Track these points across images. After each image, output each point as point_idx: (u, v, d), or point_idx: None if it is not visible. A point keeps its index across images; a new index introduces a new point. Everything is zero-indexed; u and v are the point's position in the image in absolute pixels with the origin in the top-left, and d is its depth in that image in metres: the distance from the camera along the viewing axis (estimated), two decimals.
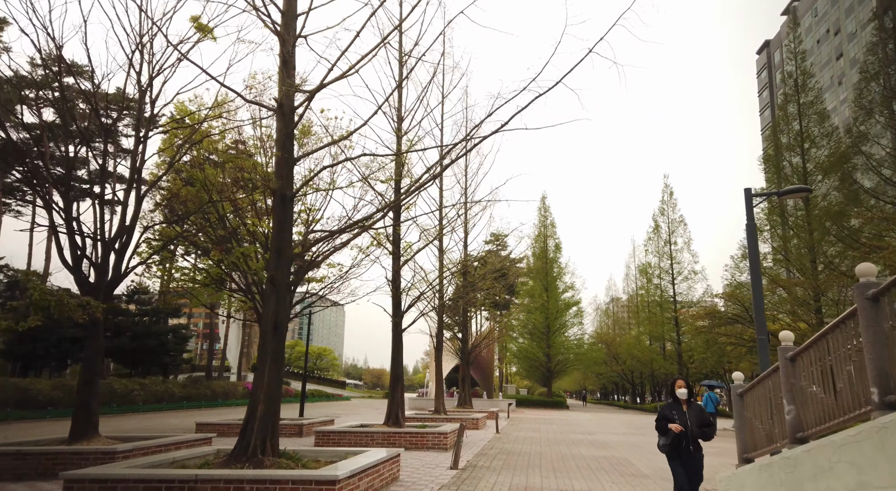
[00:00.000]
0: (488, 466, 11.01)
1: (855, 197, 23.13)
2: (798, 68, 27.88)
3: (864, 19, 64.48)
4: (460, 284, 24.96)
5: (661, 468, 11.49)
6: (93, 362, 10.54)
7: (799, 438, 6.34)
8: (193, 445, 11.12)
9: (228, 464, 7.37)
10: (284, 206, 8.32)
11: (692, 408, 6.26)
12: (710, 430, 6.11)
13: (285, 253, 8.21)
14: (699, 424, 6.13)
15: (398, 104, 16.15)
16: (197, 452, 8.73)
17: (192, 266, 19.40)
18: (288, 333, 67.59)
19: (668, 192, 51.83)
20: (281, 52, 8.53)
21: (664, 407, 6.36)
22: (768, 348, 8.83)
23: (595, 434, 20.65)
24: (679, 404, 6.24)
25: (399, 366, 15.96)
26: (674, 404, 6.26)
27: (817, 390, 6.01)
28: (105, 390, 27.08)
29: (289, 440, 15.36)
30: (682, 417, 6.10)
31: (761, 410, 7.73)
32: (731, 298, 27.91)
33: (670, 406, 6.27)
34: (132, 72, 10.78)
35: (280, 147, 8.18)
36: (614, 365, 63.16)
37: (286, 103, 8.40)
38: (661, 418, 6.25)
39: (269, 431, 7.74)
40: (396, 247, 15.73)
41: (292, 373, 79.76)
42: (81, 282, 10.81)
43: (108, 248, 10.84)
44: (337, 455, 8.71)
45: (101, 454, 9.00)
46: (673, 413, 6.17)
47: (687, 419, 6.09)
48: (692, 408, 6.26)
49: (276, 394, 7.95)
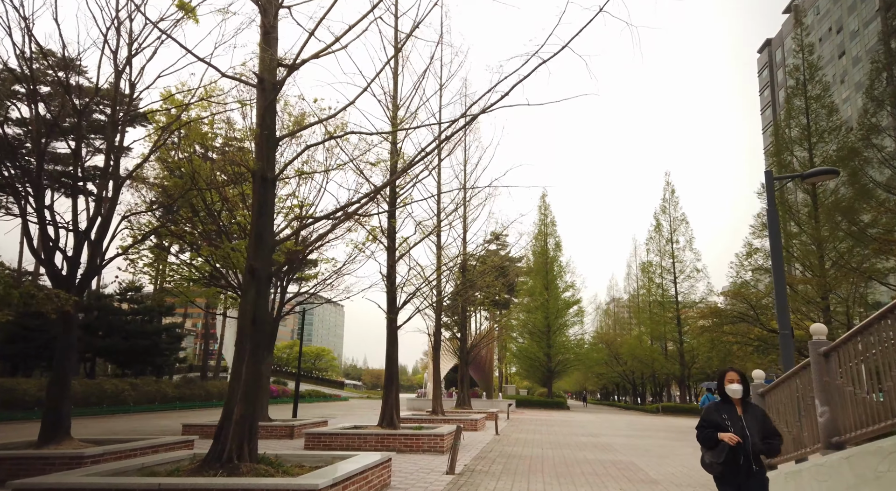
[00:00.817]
0: (487, 471, 10.34)
1: (865, 191, 22.50)
2: (805, 61, 27.23)
3: (867, 17, 63.85)
4: (459, 283, 24.29)
5: (670, 473, 10.82)
6: (64, 360, 9.86)
7: (834, 443, 5.67)
8: (173, 449, 10.44)
9: (200, 471, 6.70)
10: (265, 188, 7.65)
11: (750, 411, 4.48)
12: (776, 442, 4.38)
13: (266, 240, 7.53)
14: (762, 433, 4.36)
15: (393, 91, 15.48)
16: (172, 456, 8.06)
17: (180, 262, 18.77)
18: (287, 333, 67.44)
19: (669, 190, 51.23)
20: (262, 23, 7.85)
21: (710, 409, 4.57)
22: (792, 344, 8.18)
23: (598, 436, 19.98)
24: (731, 406, 4.49)
25: (394, 365, 15.29)
26: (723, 405, 4.53)
27: (858, 390, 5.35)
28: (95, 391, 26.43)
29: (279, 442, 14.70)
30: (737, 424, 4.37)
31: (787, 412, 7.06)
32: (736, 296, 27.25)
33: (718, 408, 4.53)
34: (107, 50, 10.10)
35: (260, 123, 7.50)
36: (615, 365, 62.51)
37: (267, 78, 7.73)
38: (705, 424, 4.48)
39: (247, 435, 7.06)
40: (392, 240, 15.06)
41: (289, 373, 79.05)
42: (54, 275, 10.14)
43: (81, 239, 10.17)
44: (323, 460, 8.04)
45: (67, 459, 8.32)
46: (723, 418, 4.42)
47: (745, 427, 4.33)
48: (750, 411, 4.48)
49: (254, 394, 7.27)
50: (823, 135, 25.74)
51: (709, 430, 4.42)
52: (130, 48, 10.48)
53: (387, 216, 15.16)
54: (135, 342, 31.78)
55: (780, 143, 27.17)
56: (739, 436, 4.25)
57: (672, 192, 51.03)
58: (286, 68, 7.60)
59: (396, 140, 15.15)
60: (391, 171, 13.62)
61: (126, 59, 10.44)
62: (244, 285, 7.70)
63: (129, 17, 10.40)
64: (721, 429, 4.36)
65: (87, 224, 10.26)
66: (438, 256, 19.56)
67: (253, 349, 7.36)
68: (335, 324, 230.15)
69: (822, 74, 27.62)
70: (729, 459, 4.27)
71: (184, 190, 11.05)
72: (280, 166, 8.32)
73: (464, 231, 24.42)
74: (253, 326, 7.37)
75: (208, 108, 12.97)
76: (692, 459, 13.75)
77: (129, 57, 10.44)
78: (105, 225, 10.57)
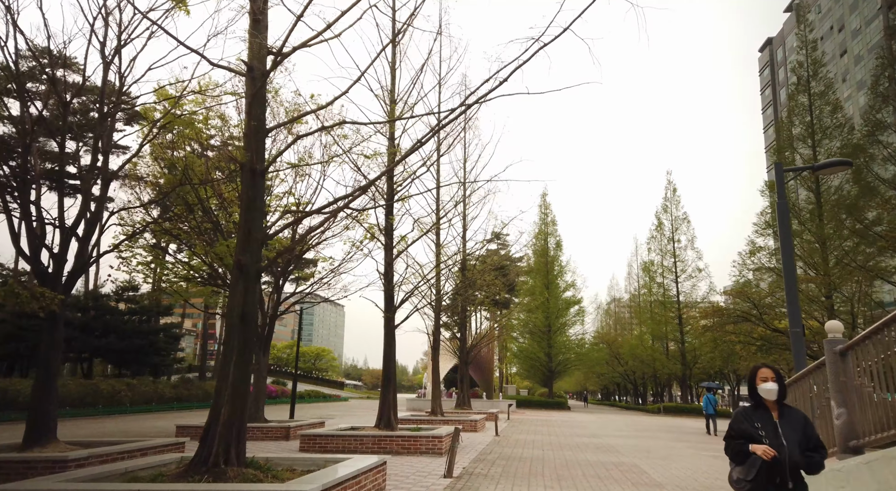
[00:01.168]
0: (486, 474, 10.03)
1: (869, 188, 22.19)
2: (809, 57, 26.90)
3: (869, 15, 63.49)
4: (458, 282, 23.98)
5: (675, 476, 10.51)
6: (49, 361, 9.56)
7: (852, 446, 5.35)
8: (162, 451, 10.14)
9: (185, 476, 6.39)
10: (254, 181, 7.35)
11: (788, 416, 3.67)
12: (819, 455, 3.57)
13: (254, 235, 7.23)
14: (802, 443, 3.56)
15: (391, 86, 15.18)
16: (160, 459, 7.76)
17: (175, 261, 18.47)
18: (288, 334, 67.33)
19: (671, 189, 50.89)
20: (251, 9, 7.56)
21: (739, 416, 3.79)
22: (804, 342, 7.87)
23: (600, 437, 19.67)
24: (765, 411, 3.71)
25: (391, 364, 14.98)
26: (755, 411, 3.74)
27: (878, 391, 5.05)
28: (90, 391, 26.12)
29: (274, 444, 14.40)
30: (773, 432, 3.58)
31: None
32: (739, 295, 26.93)
33: (749, 413, 3.74)
34: (95, 41, 9.80)
35: (249, 112, 7.20)
36: (616, 365, 62.18)
37: (256, 66, 7.42)
38: (735, 434, 3.72)
39: (235, 437, 6.76)
40: (389, 237, 14.75)
41: (289, 373, 78.73)
42: (39, 272, 9.85)
43: (67, 235, 9.86)
44: (315, 463, 7.73)
45: (50, 463, 8.02)
46: (756, 426, 3.64)
47: (781, 436, 3.55)
48: (788, 416, 3.67)
49: (242, 394, 6.97)
50: (828, 131, 25.42)
51: (739, 441, 3.64)
52: (119, 39, 10.19)
53: (384, 213, 14.86)
54: (130, 342, 31.49)
55: (783, 141, 26.86)
56: (775, 448, 3.48)
57: (674, 190, 50.71)
58: (276, 56, 7.29)
59: (394, 136, 14.86)
60: (389, 166, 13.32)
61: (114, 50, 10.14)
62: (232, 280, 7.40)
63: (118, 6, 10.11)
64: (753, 439, 3.58)
65: (73, 220, 9.97)
66: (437, 254, 19.26)
67: (241, 347, 7.06)
68: (336, 324, 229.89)
69: (825, 71, 27.31)
70: (762, 476, 3.48)
71: (175, 184, 10.75)
72: (271, 159, 8.00)
73: (463, 230, 24.12)
74: (241, 323, 7.07)
75: (202, 103, 12.67)
76: (696, 460, 13.44)
77: (117, 47, 10.14)
78: (93, 221, 10.29)
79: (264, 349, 17.70)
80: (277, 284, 18.24)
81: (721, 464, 12.91)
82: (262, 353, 17.57)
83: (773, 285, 26.52)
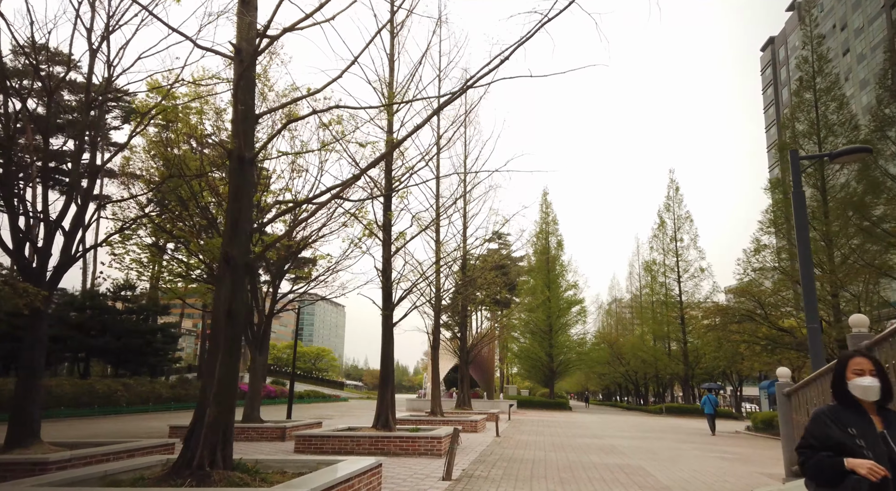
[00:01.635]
0: (486, 476, 9.67)
1: (876, 185, 21.82)
2: (814, 53, 26.54)
3: (872, 14, 63.05)
4: (459, 280, 23.62)
5: (682, 478, 10.14)
6: (32, 359, 9.21)
7: None
8: (150, 453, 9.80)
9: (167, 480, 6.03)
10: (242, 169, 6.99)
11: (893, 421, 2.72)
12: None
13: (242, 226, 6.87)
14: None
15: (389, 77, 14.83)
16: (145, 461, 7.40)
17: (170, 258, 18.13)
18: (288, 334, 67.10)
19: (673, 188, 50.50)
20: None
21: (822, 418, 2.78)
22: (820, 339, 7.50)
23: (602, 438, 19.30)
24: (861, 413, 2.73)
25: (390, 363, 14.62)
26: (845, 412, 2.76)
27: None
28: (86, 391, 25.78)
29: (269, 445, 14.05)
30: (874, 440, 2.62)
31: None
32: (743, 294, 26.55)
33: (837, 415, 2.75)
34: (81, 26, 9.44)
35: (236, 96, 6.84)
36: (617, 365, 61.83)
37: (245, 48, 7.07)
38: (817, 443, 2.72)
39: (221, 439, 6.40)
40: (387, 233, 14.40)
41: (289, 373, 78.43)
42: (23, 268, 9.50)
43: (52, 229, 9.52)
44: (307, 466, 7.37)
45: (30, 465, 7.68)
46: (850, 432, 2.66)
47: (889, 448, 2.60)
48: (893, 421, 2.72)
49: (229, 393, 6.62)
50: (833, 128, 25.05)
51: (826, 454, 2.63)
52: (108, 25, 9.83)
53: (382, 209, 14.51)
54: (128, 341, 31.15)
55: (785, 139, 26.49)
56: (884, 464, 2.50)
57: (676, 189, 50.32)
58: (263, 37, 6.94)
59: (392, 129, 14.51)
60: (386, 167, 12.97)
61: (101, 36, 9.78)
62: (218, 274, 7.05)
63: None
64: (848, 452, 2.58)
65: (58, 213, 9.62)
66: (437, 251, 18.90)
67: (228, 345, 6.70)
68: (336, 324, 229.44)
69: (831, 67, 26.93)
70: None
71: (167, 176, 10.41)
72: (261, 145, 7.64)
73: (464, 227, 23.78)
74: (228, 319, 6.71)
75: (195, 96, 12.33)
76: (703, 461, 13.08)
77: (105, 34, 9.78)
78: (80, 215, 9.93)
79: (261, 349, 17.35)
80: (274, 282, 17.90)
81: (728, 466, 12.53)
82: (258, 352, 17.22)
83: (777, 284, 26.13)
